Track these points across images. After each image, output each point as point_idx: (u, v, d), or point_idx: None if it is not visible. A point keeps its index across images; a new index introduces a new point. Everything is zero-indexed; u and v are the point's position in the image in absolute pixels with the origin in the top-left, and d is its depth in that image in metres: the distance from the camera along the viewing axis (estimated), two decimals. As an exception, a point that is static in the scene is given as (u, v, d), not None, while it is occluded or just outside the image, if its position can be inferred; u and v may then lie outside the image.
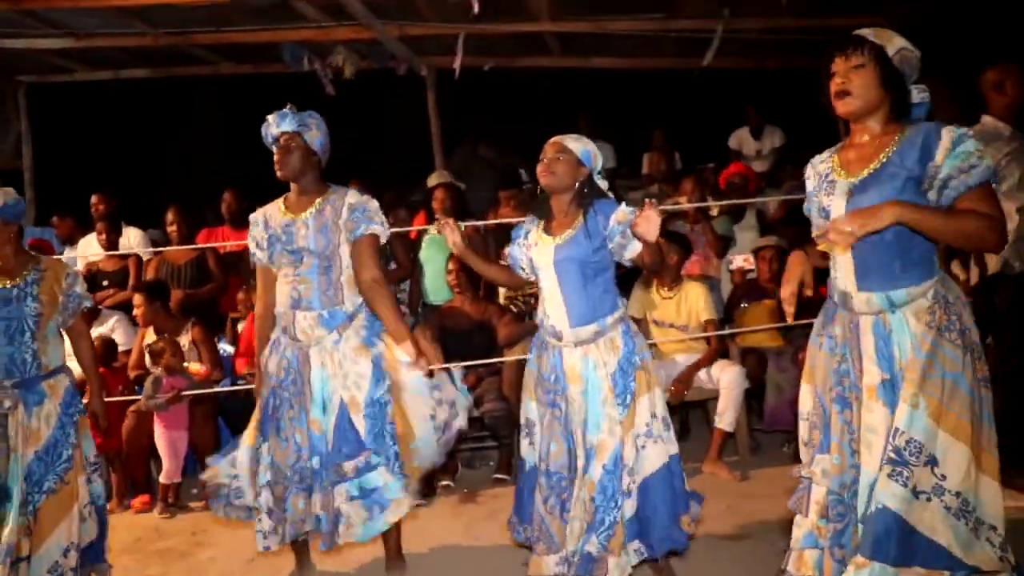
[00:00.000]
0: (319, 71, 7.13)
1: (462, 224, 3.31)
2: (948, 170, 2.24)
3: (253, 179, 4.79)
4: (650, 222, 2.78)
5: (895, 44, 2.37)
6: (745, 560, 3.44)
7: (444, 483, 4.73)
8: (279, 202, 3.44)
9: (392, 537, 3.52)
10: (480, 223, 5.77)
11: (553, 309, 3.10)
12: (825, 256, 2.60)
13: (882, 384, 2.35)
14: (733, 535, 3.75)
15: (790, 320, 2.56)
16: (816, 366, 2.57)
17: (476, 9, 5.49)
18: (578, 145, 3.13)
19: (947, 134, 2.26)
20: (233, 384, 5.07)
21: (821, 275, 5.00)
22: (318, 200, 3.35)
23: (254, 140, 3.47)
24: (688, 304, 4.96)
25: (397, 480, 3.28)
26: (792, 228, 5.75)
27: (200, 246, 5.81)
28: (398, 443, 3.33)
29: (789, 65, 7.63)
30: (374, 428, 3.28)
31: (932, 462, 2.25)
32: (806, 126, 8.28)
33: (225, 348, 5.46)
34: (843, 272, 2.45)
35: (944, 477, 2.24)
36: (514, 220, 4.78)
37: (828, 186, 2.48)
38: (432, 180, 6.29)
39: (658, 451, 3.03)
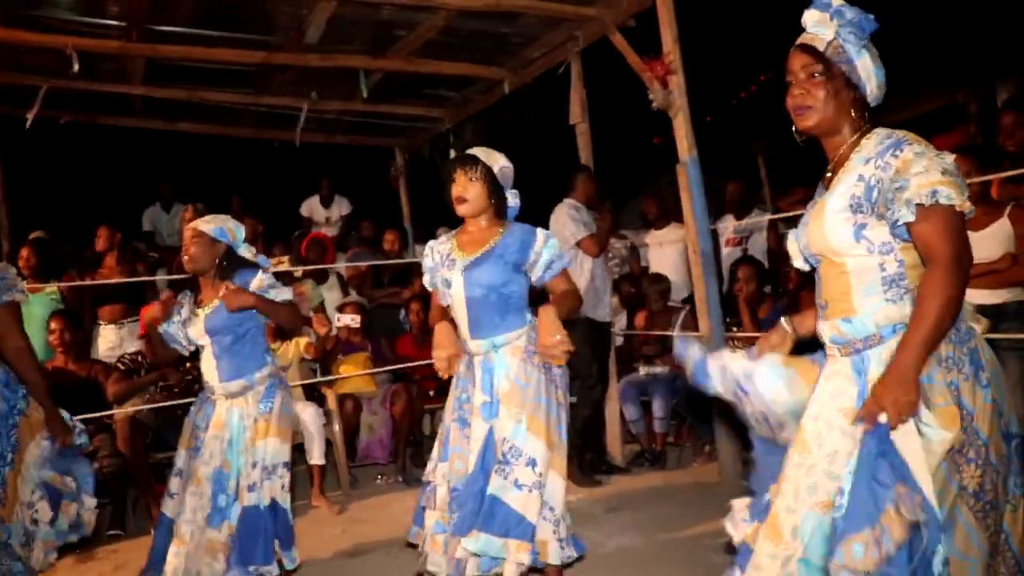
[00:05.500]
0: None
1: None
2: (546, 258, 3.19)
3: None
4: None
5: (499, 162, 3.26)
6: (368, 570, 4.08)
7: (55, 545, 4.64)
8: None
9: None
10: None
11: (207, 368, 3.51)
12: None
13: (483, 405, 3.16)
14: (352, 553, 4.36)
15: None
16: (450, 396, 3.33)
17: (76, 67, 5.47)
18: (210, 226, 3.53)
19: (540, 234, 3.21)
20: None
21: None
22: None
23: None
24: (297, 349, 5.55)
25: (15, 561, 3.33)
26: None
27: None
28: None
29: (357, 143, 8.56)
30: None
31: (532, 464, 3.08)
32: (369, 196, 9.32)
33: None
34: (462, 326, 3.24)
35: (541, 475, 3.08)
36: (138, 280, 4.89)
37: (449, 263, 3.26)
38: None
39: (247, 497, 3.35)
